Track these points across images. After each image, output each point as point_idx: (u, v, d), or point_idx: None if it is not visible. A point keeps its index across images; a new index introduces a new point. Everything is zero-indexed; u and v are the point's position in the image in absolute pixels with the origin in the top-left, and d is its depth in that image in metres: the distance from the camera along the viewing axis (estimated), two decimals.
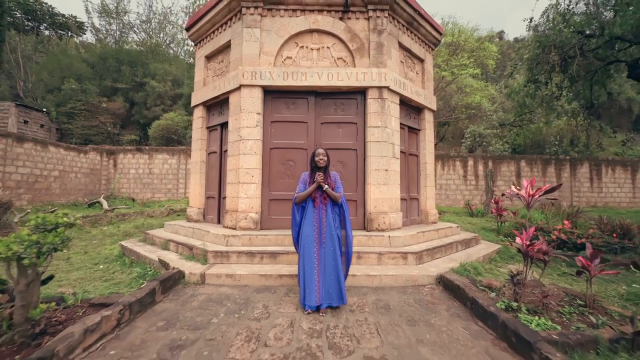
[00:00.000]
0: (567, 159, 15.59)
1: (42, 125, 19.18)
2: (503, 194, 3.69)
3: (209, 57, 6.19)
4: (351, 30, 5.19)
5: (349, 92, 5.24)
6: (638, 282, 3.98)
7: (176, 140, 18.51)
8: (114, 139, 20.21)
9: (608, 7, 6.32)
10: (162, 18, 28.24)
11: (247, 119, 4.96)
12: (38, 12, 24.42)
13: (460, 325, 2.71)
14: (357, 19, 5.24)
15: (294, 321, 2.71)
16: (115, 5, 25.46)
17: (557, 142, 16.93)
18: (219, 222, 5.77)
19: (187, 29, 6.40)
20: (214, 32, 5.91)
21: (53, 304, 2.39)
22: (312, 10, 5.18)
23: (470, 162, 15.13)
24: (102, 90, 21.82)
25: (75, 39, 27.82)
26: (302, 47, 5.21)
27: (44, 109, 19.54)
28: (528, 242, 3.03)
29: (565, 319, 2.83)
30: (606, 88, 10.00)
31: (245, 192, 4.85)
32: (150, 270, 4.20)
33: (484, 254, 5.00)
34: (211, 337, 2.41)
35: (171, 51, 29.16)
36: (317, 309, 2.90)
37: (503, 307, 2.93)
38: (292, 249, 3.57)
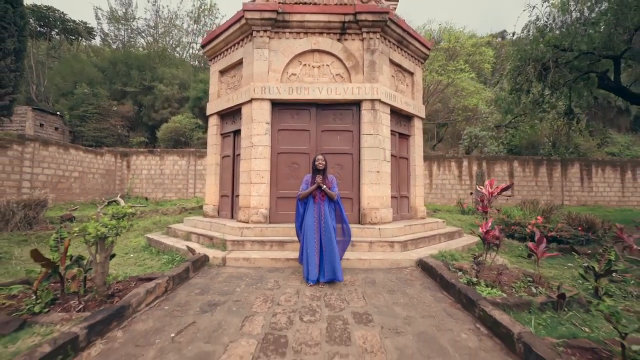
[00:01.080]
0: (558, 159, 16.27)
1: (56, 128, 20.12)
2: (471, 193, 4.44)
3: (223, 72, 6.98)
4: (347, 50, 5.97)
5: (345, 104, 6.01)
6: (573, 262, 4.83)
7: (184, 142, 19.34)
8: (124, 140, 21.08)
9: (579, 25, 7.03)
10: (167, 22, 29.15)
11: (257, 127, 5.75)
12: (50, 19, 25.36)
13: (429, 294, 3.48)
14: (353, 40, 6.01)
15: (299, 290, 3.50)
16: (124, 11, 26.35)
17: (550, 143, 17.63)
18: (232, 217, 6.56)
19: (203, 46, 7.19)
20: (227, 50, 6.69)
21: (121, 273, 3.18)
22: (314, 33, 5.95)
23: (465, 163, 15.82)
24: (112, 93, 22.72)
25: (84, 43, 28.76)
26: (305, 65, 5.99)
27: (58, 112, 20.46)
28: (485, 230, 3.79)
29: (513, 290, 3.58)
30: (592, 93, 10.72)
31: (257, 191, 5.64)
32: (177, 257, 4.98)
33: (463, 245, 5.77)
34: (237, 299, 3.20)
35: (177, 55, 30.03)
36: (317, 283, 3.68)
37: (465, 281, 3.69)
38: (297, 238, 4.34)
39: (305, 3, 6.03)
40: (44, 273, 2.83)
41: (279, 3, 5.89)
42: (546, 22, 7.70)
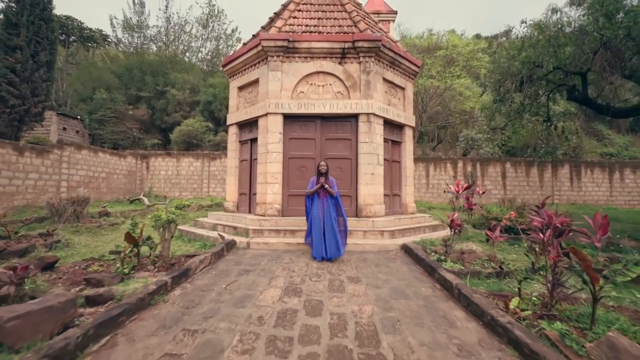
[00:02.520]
0: (549, 160, 17.22)
1: (77, 131, 21.48)
2: (445, 191, 5.54)
3: (241, 88, 8.15)
4: (347, 72, 7.10)
5: (345, 117, 7.15)
6: (520, 246, 5.95)
7: (195, 145, 20.59)
8: (139, 143, 22.38)
9: (549, 45, 8.05)
10: (177, 28, 30.48)
11: (272, 137, 6.91)
12: (68, 27, 26.80)
13: (405, 267, 4.62)
14: (352, 63, 7.14)
15: (308, 264, 4.65)
16: (137, 19, 27.74)
17: (543, 145, 18.58)
18: (249, 212, 7.73)
19: (223, 66, 8.37)
20: (245, 70, 7.87)
21: (178, 249, 4.35)
22: (319, 57, 7.10)
23: (460, 164, 16.86)
24: (127, 98, 24.07)
25: (100, 49, 30.20)
26: (311, 84, 7.14)
27: (79, 117, 21.84)
28: (451, 219, 4.91)
29: (472, 265, 4.69)
30: (579, 101, 11.72)
31: (271, 190, 6.80)
32: (208, 243, 6.15)
33: (444, 235, 6.85)
34: (263, 268, 4.37)
35: (186, 59, 31.32)
36: (322, 259, 4.83)
37: (435, 259, 4.80)
38: (305, 227, 5.48)
39: (311, 32, 7.18)
40: (128, 247, 4.01)
41: (289, 32, 7.05)
42: (523, 41, 8.75)
